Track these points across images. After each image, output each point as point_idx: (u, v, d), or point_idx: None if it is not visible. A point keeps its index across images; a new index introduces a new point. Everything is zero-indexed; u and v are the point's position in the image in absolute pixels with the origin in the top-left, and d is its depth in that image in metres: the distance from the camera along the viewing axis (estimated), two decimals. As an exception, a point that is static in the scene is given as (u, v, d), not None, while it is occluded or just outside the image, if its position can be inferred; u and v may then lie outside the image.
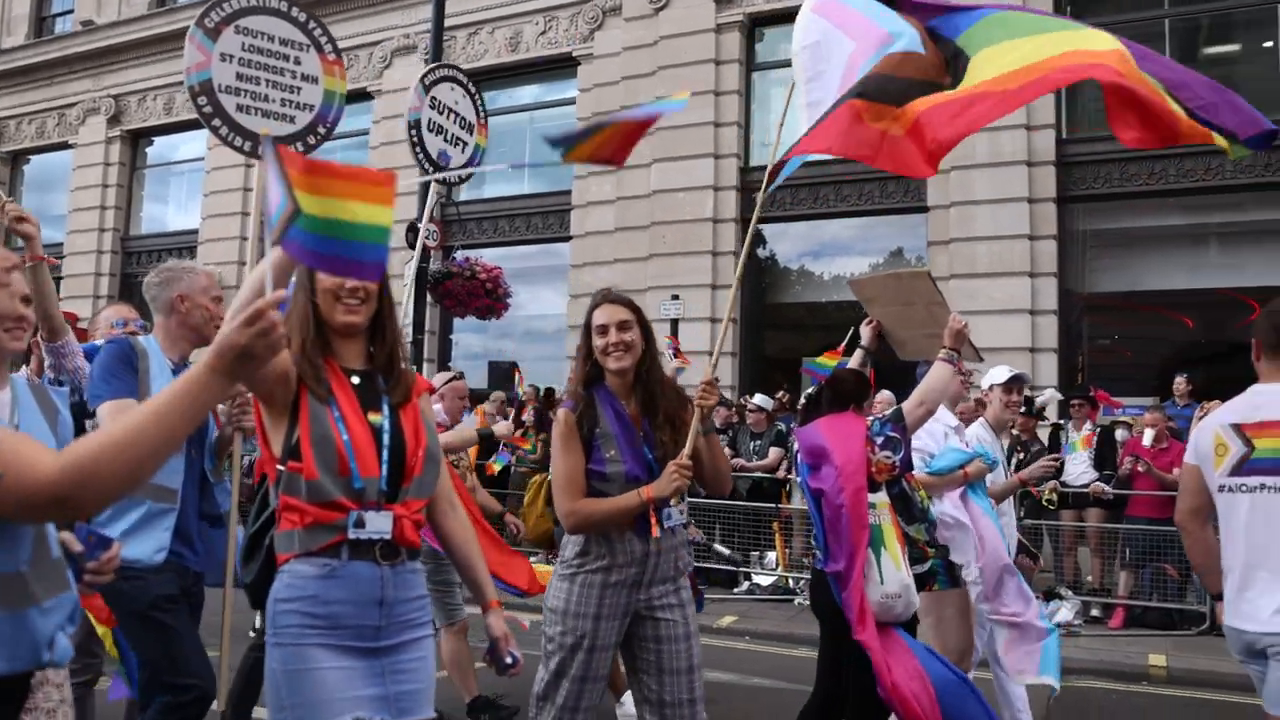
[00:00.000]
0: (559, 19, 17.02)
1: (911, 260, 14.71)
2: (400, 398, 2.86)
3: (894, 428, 4.61)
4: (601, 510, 3.54)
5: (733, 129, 15.33)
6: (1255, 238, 13.40)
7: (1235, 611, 3.69)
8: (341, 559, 2.67)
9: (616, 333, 3.62)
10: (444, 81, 7.17)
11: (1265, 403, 3.73)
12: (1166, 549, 9.50)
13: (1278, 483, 3.57)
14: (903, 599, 4.30)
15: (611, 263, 15.75)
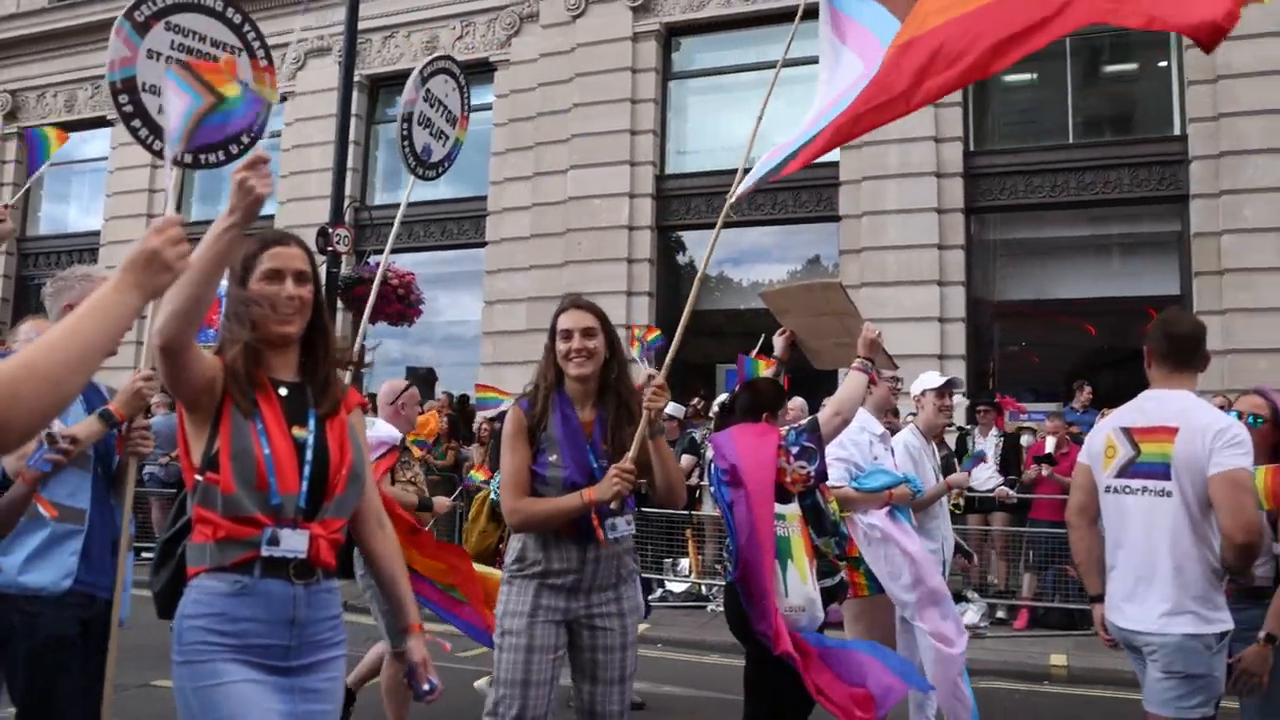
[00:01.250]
0: (476, 24, 16.94)
1: (828, 268, 14.91)
2: (327, 410, 2.78)
3: (809, 438, 4.59)
4: (543, 510, 3.51)
5: (649, 137, 15.39)
6: (1153, 249, 13.87)
7: (1117, 609, 3.83)
8: (253, 576, 2.59)
9: (580, 339, 3.60)
10: (440, 74, 7.02)
11: (1154, 408, 3.86)
12: (1068, 551, 9.68)
13: (1159, 486, 3.71)
14: (807, 613, 4.29)
15: (527, 269, 15.71)
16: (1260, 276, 12.19)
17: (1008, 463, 10.71)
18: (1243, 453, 3.58)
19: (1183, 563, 3.63)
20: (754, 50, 15.60)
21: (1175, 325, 3.95)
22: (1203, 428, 3.65)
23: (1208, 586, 3.64)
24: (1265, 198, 12.26)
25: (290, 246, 2.78)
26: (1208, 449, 3.60)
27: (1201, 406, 3.82)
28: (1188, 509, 3.65)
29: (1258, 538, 3.55)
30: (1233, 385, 10.79)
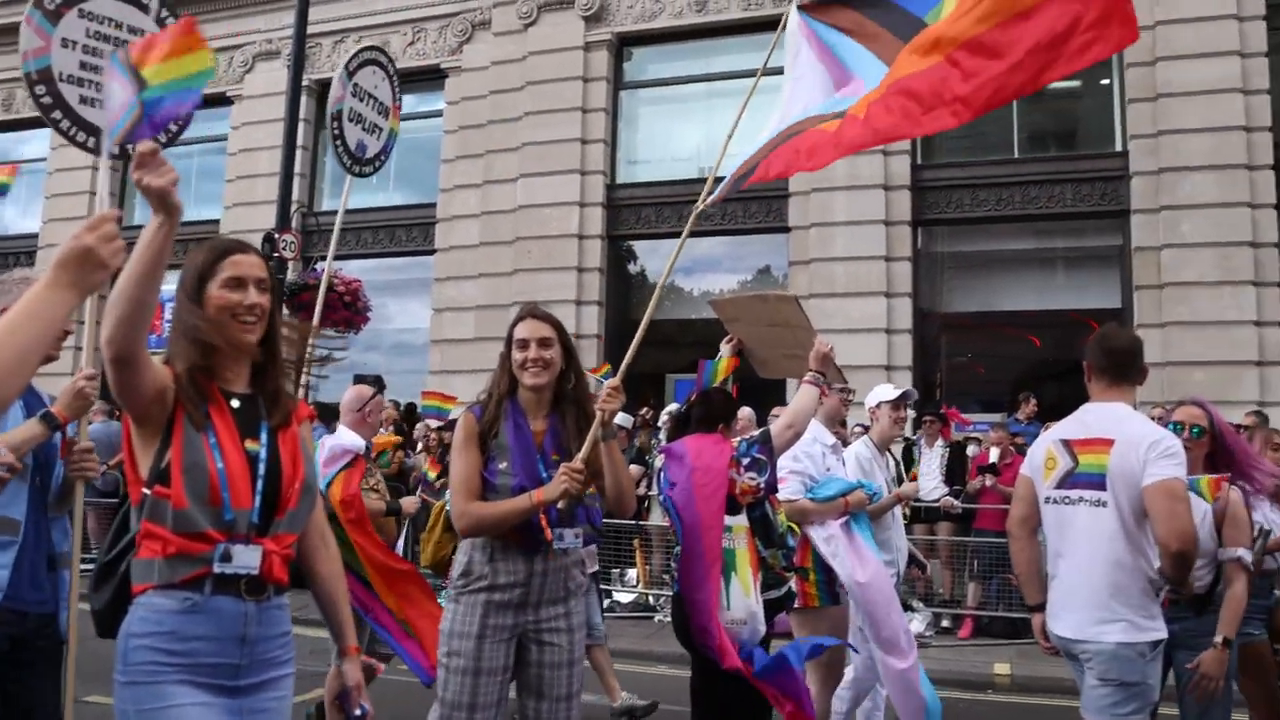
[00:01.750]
0: (427, 31, 16.86)
1: (777, 278, 14.99)
2: (279, 422, 2.72)
3: (761, 449, 4.60)
4: (493, 513, 3.47)
5: (599, 146, 15.39)
6: (1096, 262, 14.09)
7: (1056, 618, 3.90)
8: (204, 593, 2.52)
9: (537, 349, 3.59)
10: (367, 65, 6.81)
11: (1093, 421, 3.94)
12: (1010, 560, 9.82)
13: (1096, 496, 3.79)
14: (749, 626, 4.30)
15: (476, 277, 15.64)
16: (1198, 290, 12.43)
17: (953, 473, 10.82)
18: (1176, 463, 3.66)
19: (1118, 572, 3.71)
20: (705, 61, 15.67)
21: (1112, 340, 4.05)
22: (1137, 440, 3.73)
23: (1142, 596, 3.72)
24: (1203, 213, 12.51)
25: (250, 254, 2.73)
26: (1141, 460, 3.68)
27: (1136, 419, 3.91)
28: (1122, 519, 3.72)
29: (1191, 546, 3.62)
30: (1172, 397, 10.98)
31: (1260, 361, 12.11)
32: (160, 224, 2.30)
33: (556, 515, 3.51)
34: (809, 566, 5.37)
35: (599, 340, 14.91)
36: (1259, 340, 12.15)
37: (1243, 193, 12.43)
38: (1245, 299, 12.26)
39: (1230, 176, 12.51)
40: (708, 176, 4.47)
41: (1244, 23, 12.76)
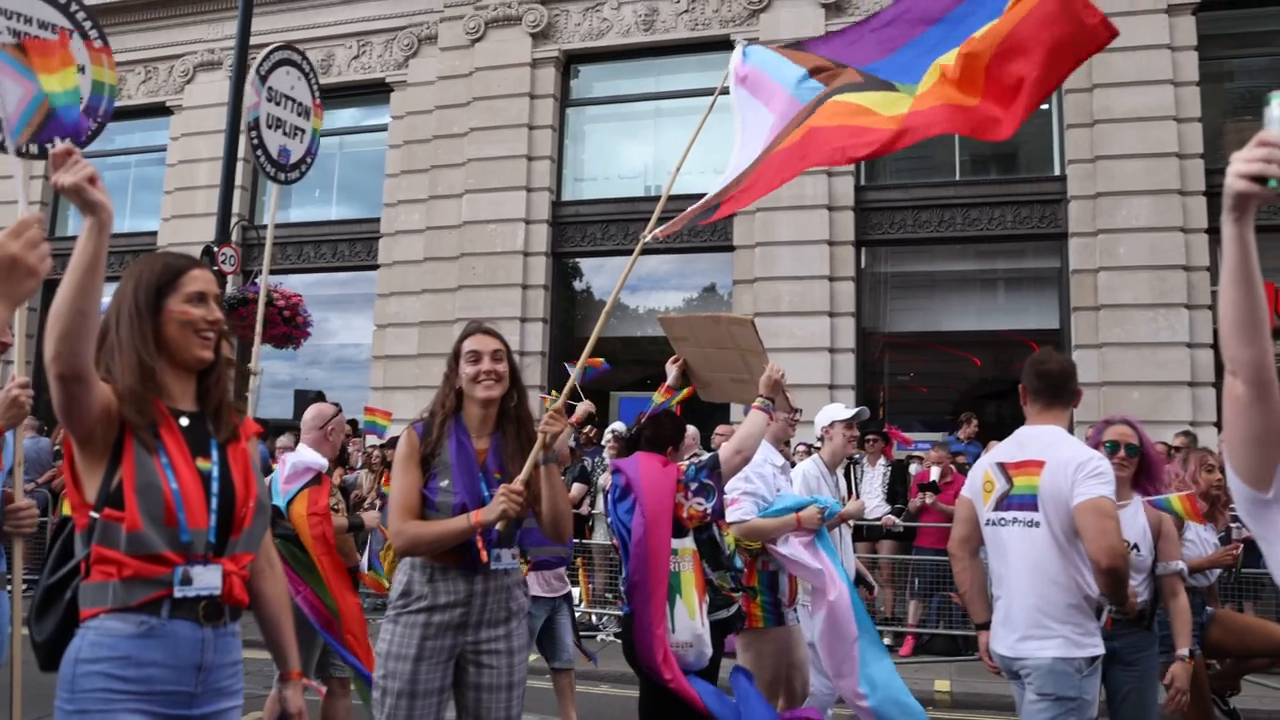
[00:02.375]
0: (373, 44, 16.75)
1: (722, 297, 15.05)
2: (227, 439, 2.66)
3: (709, 474, 4.63)
4: (430, 532, 3.44)
5: (546, 163, 15.37)
6: (1035, 284, 14.31)
7: (997, 636, 3.99)
8: (161, 617, 2.44)
9: (490, 361, 3.59)
10: (280, 66, 6.58)
11: (1027, 444, 4.06)
12: (951, 578, 9.91)
13: (1029, 517, 3.90)
14: (694, 648, 4.31)
15: (419, 293, 15.52)
16: (1133, 312, 12.67)
17: (894, 492, 10.90)
18: (1104, 482, 3.77)
19: (1053, 590, 3.80)
20: (653, 80, 15.73)
21: (1045, 364, 4.15)
22: (1066, 461, 3.84)
23: (1078, 612, 3.81)
24: (1138, 237, 12.77)
25: (206, 270, 2.69)
26: (1070, 480, 3.78)
27: (1068, 441, 4.00)
28: (1055, 538, 3.82)
29: (1120, 562, 3.70)
30: (1109, 416, 11.15)
31: (1192, 382, 12.36)
32: (90, 227, 2.23)
33: (496, 536, 3.49)
34: (756, 587, 5.38)
35: (543, 358, 14.86)
36: (1191, 361, 12.41)
37: (1176, 218, 12.71)
38: (1178, 321, 12.52)
39: (1164, 202, 12.79)
40: (657, 197, 4.52)
41: (1177, 52, 13.08)
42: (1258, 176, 1.79)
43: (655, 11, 15.12)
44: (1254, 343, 1.90)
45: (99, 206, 2.21)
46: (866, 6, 14.19)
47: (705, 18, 14.94)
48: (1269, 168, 1.77)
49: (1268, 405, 1.94)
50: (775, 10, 14.54)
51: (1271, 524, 2.03)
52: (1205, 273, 12.59)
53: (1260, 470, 1.99)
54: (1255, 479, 2.00)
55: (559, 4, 15.57)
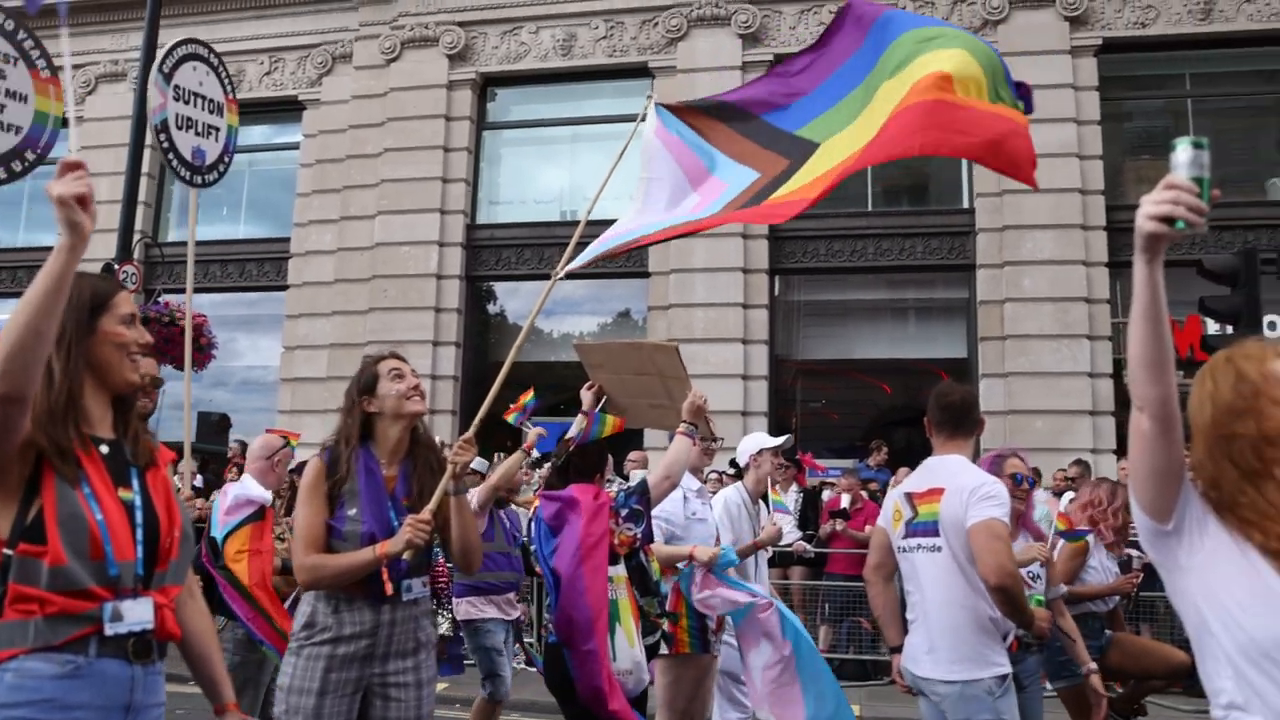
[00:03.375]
0: (285, 60, 16.49)
1: (637, 322, 15.07)
2: (146, 466, 2.52)
3: (639, 500, 4.66)
4: (333, 566, 3.35)
5: (461, 185, 15.25)
6: (944, 313, 14.60)
7: (911, 658, 4.12)
8: (88, 655, 2.29)
9: (413, 377, 3.59)
10: (185, 62, 6.20)
11: (931, 472, 4.23)
12: (862, 604, 10.03)
13: (932, 543, 4.04)
14: (634, 675, 4.32)
15: (329, 315, 15.25)
16: (1037, 343, 12.98)
17: (806, 518, 10.98)
18: (995, 504, 3.92)
19: (958, 612, 3.94)
20: (570, 105, 15.74)
21: (947, 396, 4.32)
22: (962, 487, 3.99)
23: (983, 633, 3.94)
24: (1042, 269, 13.11)
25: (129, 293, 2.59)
26: (964, 505, 3.93)
27: (967, 469, 4.15)
28: (957, 562, 3.96)
29: (1010, 581, 3.81)
30: (1014, 444, 11.39)
31: (1093, 411, 12.69)
32: (64, 246, 2.16)
33: (405, 566, 3.40)
34: (681, 612, 5.37)
35: (455, 382, 14.71)
36: (1092, 391, 12.75)
37: (1078, 251, 13.08)
38: (1080, 352, 12.87)
39: (1067, 235, 13.16)
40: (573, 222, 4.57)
41: (1080, 92, 13.50)
42: (1166, 218, 1.89)
43: (573, 37, 15.14)
44: (1160, 381, 1.98)
45: (79, 227, 2.14)
46: (783, 38, 14.40)
47: (623, 45, 15.01)
48: (1176, 209, 1.88)
49: (1171, 440, 2.02)
50: (693, 39, 14.66)
51: (1171, 554, 2.09)
52: (1106, 305, 12.98)
53: (1162, 503, 2.06)
54: (1157, 511, 2.07)
55: (476, 26, 15.50)
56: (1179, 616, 2.20)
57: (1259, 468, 2.02)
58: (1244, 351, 2.14)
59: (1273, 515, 1.99)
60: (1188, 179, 1.92)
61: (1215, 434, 2.08)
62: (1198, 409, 2.13)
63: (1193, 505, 2.07)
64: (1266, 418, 2.03)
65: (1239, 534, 2.03)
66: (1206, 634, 2.03)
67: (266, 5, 16.50)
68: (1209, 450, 2.09)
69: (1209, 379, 2.14)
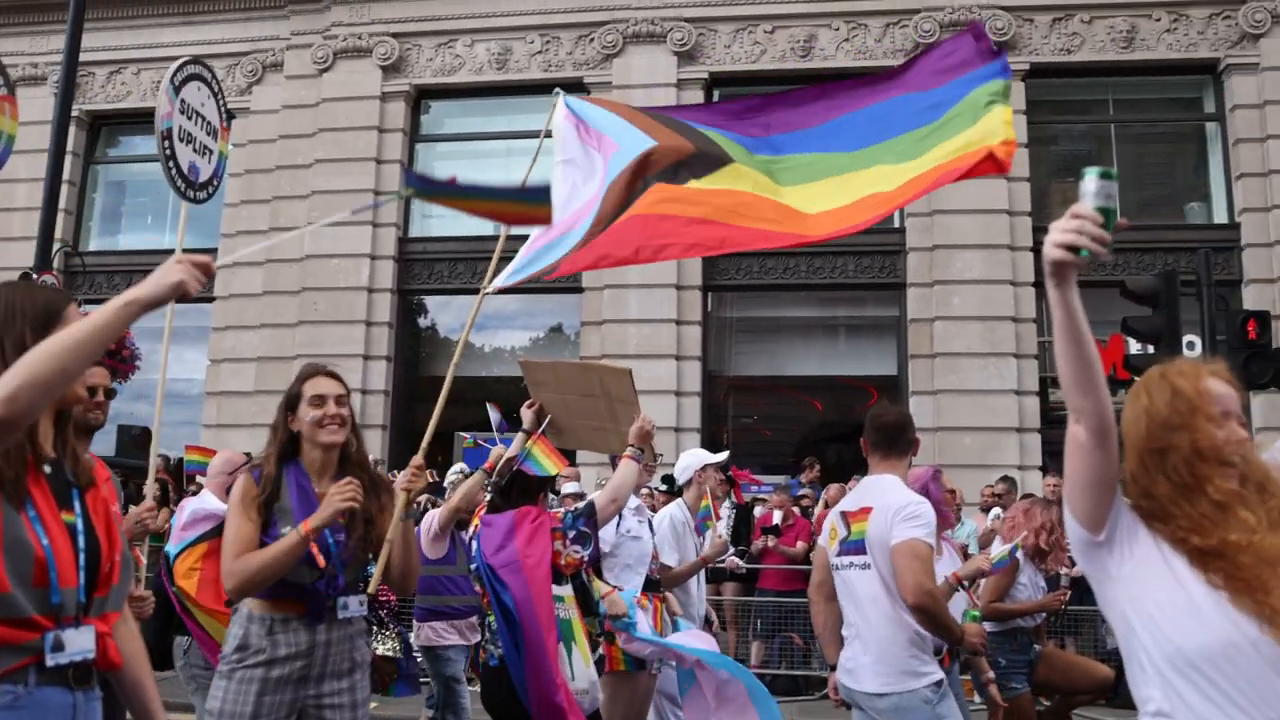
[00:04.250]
0: (214, 68, 16.16)
1: (569, 337, 15.04)
2: (86, 483, 2.39)
3: (586, 522, 4.64)
4: (259, 559, 3.26)
5: (392, 198, 15.09)
6: (875, 331, 14.77)
7: (846, 671, 4.18)
8: (28, 685, 2.17)
9: (334, 405, 3.45)
10: (192, 80, 6.21)
11: (864, 491, 4.33)
12: (794, 619, 10.08)
13: (862, 560, 4.12)
14: (589, 695, 4.33)
15: (258, 327, 14.98)
16: (966, 361, 13.19)
17: (738, 534, 11.00)
18: (917, 524, 3.99)
19: (889, 626, 4.01)
20: (505, 119, 15.67)
21: (881, 417, 4.41)
22: (887, 506, 4.07)
23: (913, 646, 4.01)
24: (971, 289, 13.33)
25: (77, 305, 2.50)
26: (889, 524, 4.01)
27: (896, 489, 4.21)
28: (884, 579, 4.04)
29: (927, 599, 3.89)
30: (944, 461, 11.55)
31: (1020, 428, 12.91)
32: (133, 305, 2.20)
33: (342, 584, 3.33)
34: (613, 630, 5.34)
35: (386, 397, 14.53)
36: (1019, 408, 12.98)
37: (1006, 271, 13.32)
38: (1007, 370, 13.10)
39: (995, 256, 13.40)
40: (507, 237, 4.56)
41: (1008, 115, 13.72)
42: (1070, 246, 1.94)
43: (509, 51, 15.09)
44: (1091, 393, 2.04)
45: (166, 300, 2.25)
46: (718, 56, 14.50)
47: (559, 59, 14.99)
48: (1079, 239, 1.93)
49: (1106, 451, 2.07)
50: (628, 55, 14.69)
51: (1102, 564, 2.14)
52: (1032, 324, 13.23)
53: (1096, 514, 2.11)
54: (1091, 522, 2.12)
55: (411, 38, 15.38)
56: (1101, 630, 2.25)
57: (1191, 482, 2.08)
58: (1178, 369, 2.21)
59: (1207, 527, 2.05)
60: (1094, 208, 1.96)
61: (1150, 448, 2.13)
62: (1132, 423, 2.19)
63: (1124, 517, 2.13)
64: (1200, 434, 2.10)
65: (1169, 545, 2.08)
66: (1135, 643, 2.08)
67: (194, 11, 16.22)
68: (1143, 463, 2.14)
69: (1144, 394, 2.20)
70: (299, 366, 11.40)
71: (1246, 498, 2.08)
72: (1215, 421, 2.12)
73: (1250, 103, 13.51)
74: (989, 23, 13.75)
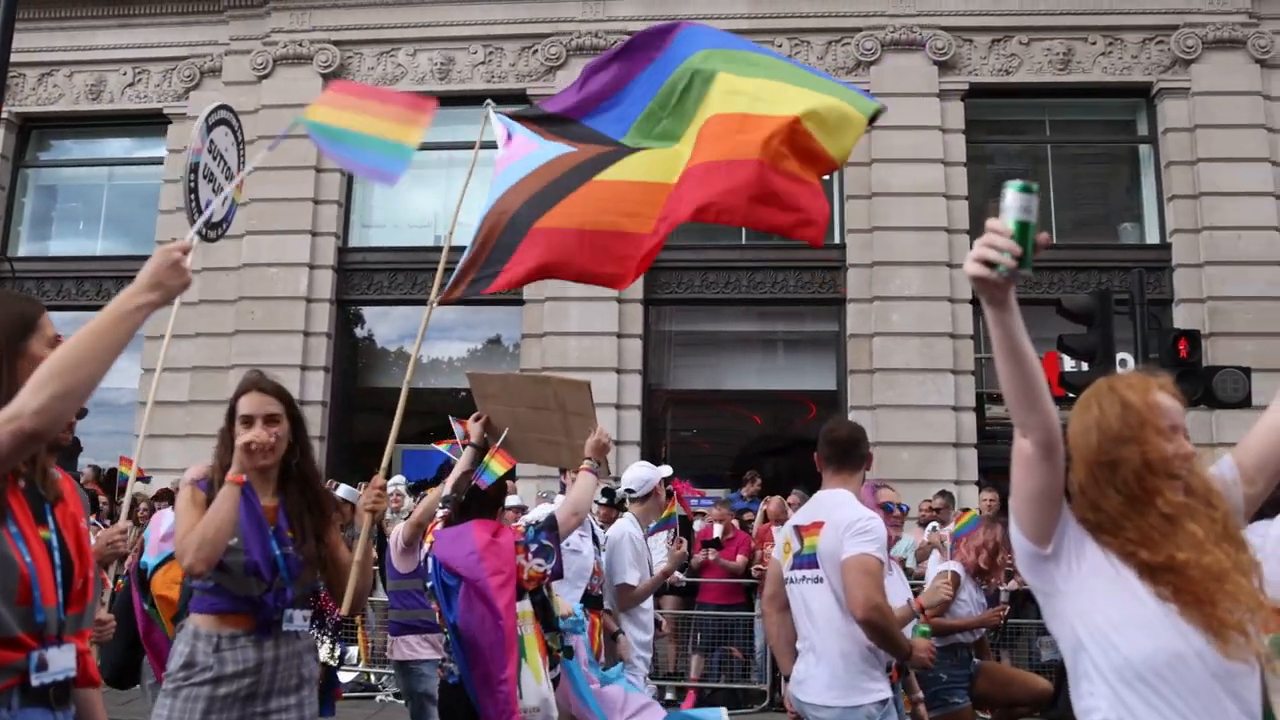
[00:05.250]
0: (150, 72, 15.92)
1: (508, 349, 14.97)
2: (55, 498, 2.33)
3: (548, 535, 4.61)
4: (205, 523, 3.17)
5: (333, 207, 14.94)
6: (814, 346, 14.88)
7: (798, 684, 4.20)
8: (12, 708, 2.12)
9: (262, 427, 3.32)
10: (222, 125, 6.23)
11: (817, 507, 4.34)
12: (734, 633, 10.10)
13: (814, 574, 4.14)
14: (541, 712, 4.28)
15: (193, 336, 14.71)
16: (904, 376, 13.34)
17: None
18: (867, 540, 4.02)
19: (840, 640, 4.04)
20: (447, 129, 15.52)
21: (834, 431, 4.44)
22: (839, 521, 4.10)
23: (862, 661, 4.04)
24: (910, 305, 13.49)
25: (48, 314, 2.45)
26: (840, 540, 4.04)
27: (848, 504, 4.23)
28: (835, 593, 4.07)
29: (875, 614, 3.92)
30: (882, 475, 11.62)
31: (956, 443, 13.08)
32: (147, 304, 2.21)
33: (291, 597, 3.28)
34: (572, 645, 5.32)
35: (324, 407, 14.34)
36: (955, 423, 13.15)
37: (944, 288, 13.50)
38: (944, 385, 13.27)
39: (934, 273, 13.58)
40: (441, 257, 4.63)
41: (947, 134, 14.00)
42: (985, 261, 1.91)
43: (451, 61, 15.01)
44: (1036, 407, 2.04)
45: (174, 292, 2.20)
46: (660, 70, 14.51)
47: (502, 71, 14.95)
48: (991, 253, 1.90)
49: (1053, 463, 2.08)
50: (571, 68, 14.66)
51: (1049, 578, 2.15)
52: (970, 340, 13.42)
53: (1042, 527, 2.12)
54: (1038, 535, 2.13)
55: (352, 46, 15.24)
56: (1036, 643, 2.28)
57: (1141, 495, 2.10)
58: (1127, 382, 2.23)
59: (1155, 540, 2.07)
60: (1011, 223, 1.93)
61: (1100, 460, 2.14)
62: (1082, 435, 2.19)
63: (1070, 529, 2.13)
64: (1150, 447, 2.12)
65: (1118, 556, 2.10)
66: (1082, 655, 2.10)
67: (130, 14, 15.92)
68: (1092, 475, 2.15)
69: (1094, 406, 2.21)
70: (235, 376, 11.22)
71: (1195, 511, 2.10)
72: (1164, 435, 2.14)
73: (1182, 126, 13.85)
74: (930, 42, 14.01)
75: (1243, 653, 1.98)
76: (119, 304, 2.15)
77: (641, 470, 6.30)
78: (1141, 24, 14.08)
